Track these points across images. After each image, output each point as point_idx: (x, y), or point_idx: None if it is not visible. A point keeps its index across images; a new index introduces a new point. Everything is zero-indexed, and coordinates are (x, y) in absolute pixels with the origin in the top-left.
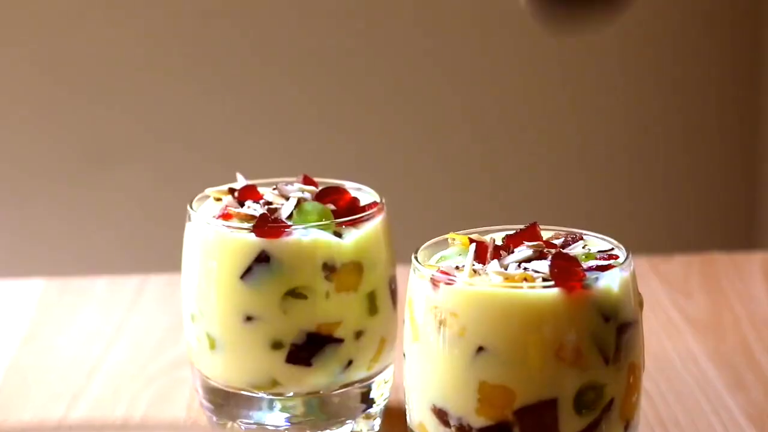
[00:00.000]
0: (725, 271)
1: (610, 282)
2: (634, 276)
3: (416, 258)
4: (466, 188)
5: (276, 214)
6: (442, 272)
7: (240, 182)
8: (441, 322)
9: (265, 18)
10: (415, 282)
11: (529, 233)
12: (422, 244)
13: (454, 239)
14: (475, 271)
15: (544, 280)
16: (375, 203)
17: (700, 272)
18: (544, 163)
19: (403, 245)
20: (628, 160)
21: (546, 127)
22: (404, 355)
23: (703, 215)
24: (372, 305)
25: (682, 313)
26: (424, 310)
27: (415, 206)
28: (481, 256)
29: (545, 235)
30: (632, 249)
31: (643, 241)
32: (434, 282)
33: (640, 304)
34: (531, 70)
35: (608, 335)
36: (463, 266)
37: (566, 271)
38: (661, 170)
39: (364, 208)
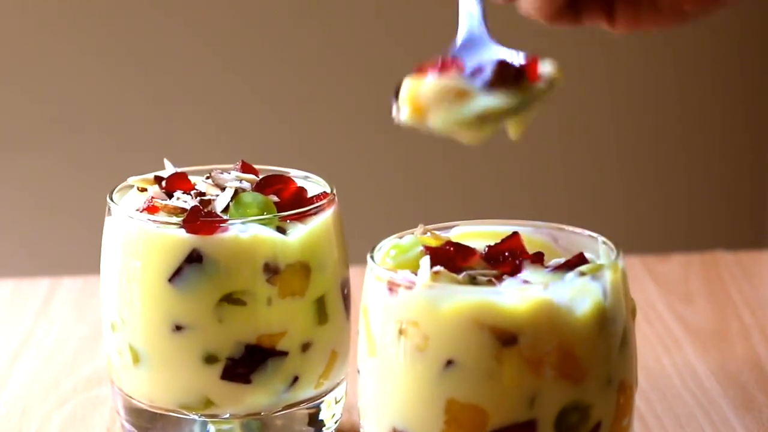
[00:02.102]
0: (731, 272)
1: (598, 286)
2: (625, 278)
3: (372, 258)
4: (432, 178)
5: (210, 207)
6: (400, 275)
7: (168, 170)
8: (401, 333)
9: None
10: (372, 286)
11: (511, 244)
12: (380, 242)
13: (426, 232)
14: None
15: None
16: (325, 194)
17: (702, 274)
18: (521, 149)
19: (357, 243)
20: (618, 147)
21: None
22: (359, 370)
23: (705, 208)
24: (321, 313)
25: (681, 322)
26: (382, 319)
27: (372, 198)
28: (444, 262)
29: (523, 232)
30: (623, 247)
31: (635, 238)
32: (392, 286)
33: (633, 312)
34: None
35: (595, 347)
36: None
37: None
38: (657, 159)
39: (312, 200)
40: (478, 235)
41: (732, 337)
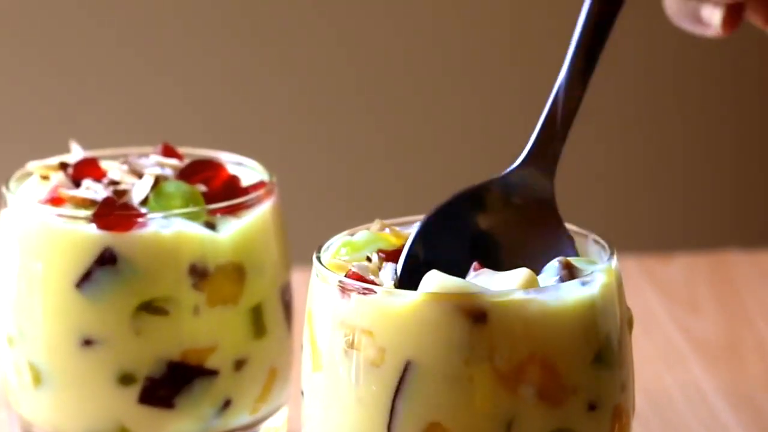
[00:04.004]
0: (744, 275)
1: (587, 292)
2: (620, 283)
3: (319, 258)
4: (389, 164)
5: (125, 198)
6: (354, 276)
7: (75, 154)
8: (351, 345)
9: None
10: (319, 291)
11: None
12: (328, 239)
13: (383, 228)
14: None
15: None
16: (262, 183)
17: (710, 277)
18: (493, 131)
19: (300, 241)
20: (610, 128)
21: (500, 90)
22: (303, 392)
23: (713, 200)
24: (258, 324)
25: (686, 334)
26: (330, 329)
27: (318, 187)
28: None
29: None
30: (617, 245)
31: (632, 235)
32: (343, 289)
33: (629, 323)
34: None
35: (583, 365)
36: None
37: None
38: (656, 143)
39: (246, 190)
40: None
41: (746, 352)
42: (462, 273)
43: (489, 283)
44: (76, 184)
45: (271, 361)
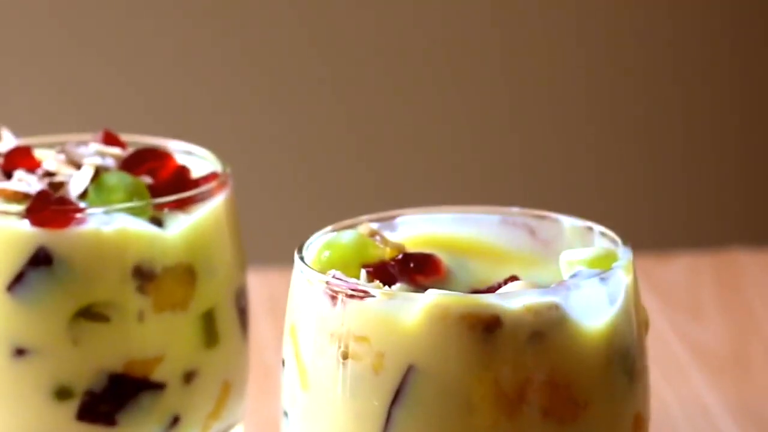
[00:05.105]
0: (751, 276)
1: (606, 290)
2: (636, 281)
3: (302, 258)
4: (354, 153)
5: (62, 192)
6: (344, 280)
7: (6, 141)
8: (345, 356)
9: None
10: (302, 296)
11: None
12: (287, 237)
13: (373, 234)
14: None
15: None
16: (214, 175)
17: (715, 279)
18: (475, 120)
19: (257, 240)
20: (604, 119)
21: (469, 81)
22: (285, 413)
23: (716, 195)
24: (209, 331)
25: (687, 342)
26: (318, 339)
27: (275, 179)
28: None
29: (487, 223)
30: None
31: (628, 232)
32: (332, 293)
33: (645, 325)
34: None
35: (605, 372)
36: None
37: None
38: (655, 134)
39: (197, 182)
40: (437, 241)
41: (753, 362)
42: None
43: None
44: (7, 175)
45: (224, 373)
